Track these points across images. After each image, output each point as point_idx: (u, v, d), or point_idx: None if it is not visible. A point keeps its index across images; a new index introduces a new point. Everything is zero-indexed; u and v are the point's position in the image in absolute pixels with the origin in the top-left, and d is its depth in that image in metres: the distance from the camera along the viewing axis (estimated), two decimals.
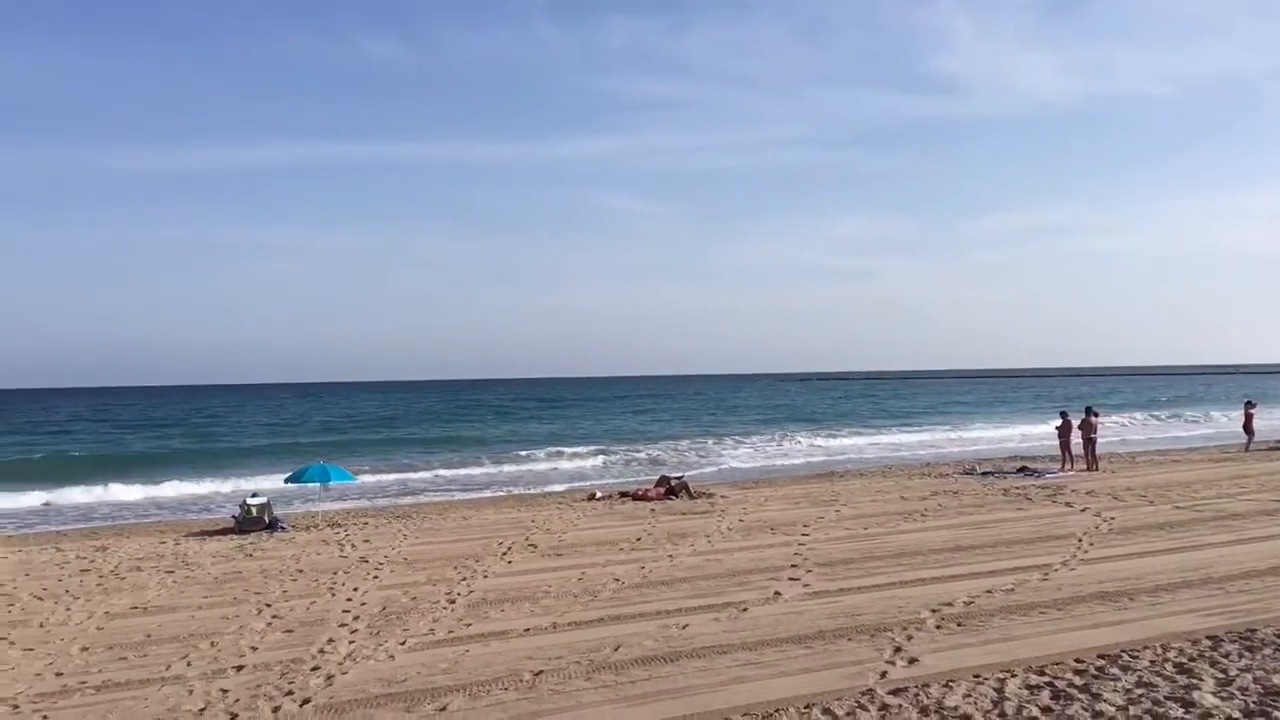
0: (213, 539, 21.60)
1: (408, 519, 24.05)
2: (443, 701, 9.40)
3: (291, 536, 21.53)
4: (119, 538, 22.39)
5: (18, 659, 11.54)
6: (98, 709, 9.50)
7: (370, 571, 16.74)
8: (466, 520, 23.36)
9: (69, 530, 25.10)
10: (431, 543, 19.84)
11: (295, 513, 24.88)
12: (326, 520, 23.82)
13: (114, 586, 16.06)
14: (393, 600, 14.29)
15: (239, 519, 22.76)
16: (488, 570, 16.46)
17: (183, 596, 15.15)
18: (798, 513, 22.42)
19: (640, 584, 14.91)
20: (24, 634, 12.84)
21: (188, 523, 25.65)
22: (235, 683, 10.27)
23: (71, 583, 16.47)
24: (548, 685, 9.82)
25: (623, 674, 10.12)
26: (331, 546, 19.76)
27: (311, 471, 23.64)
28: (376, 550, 18.99)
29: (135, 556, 19.14)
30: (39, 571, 17.68)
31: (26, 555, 19.75)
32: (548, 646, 11.32)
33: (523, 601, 13.89)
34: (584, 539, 19.66)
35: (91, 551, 19.97)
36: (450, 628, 12.48)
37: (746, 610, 12.86)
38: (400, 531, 21.62)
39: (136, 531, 23.86)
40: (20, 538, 23.72)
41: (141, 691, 10.06)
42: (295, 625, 12.91)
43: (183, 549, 20.11)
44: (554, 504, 26.65)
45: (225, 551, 19.64)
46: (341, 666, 10.78)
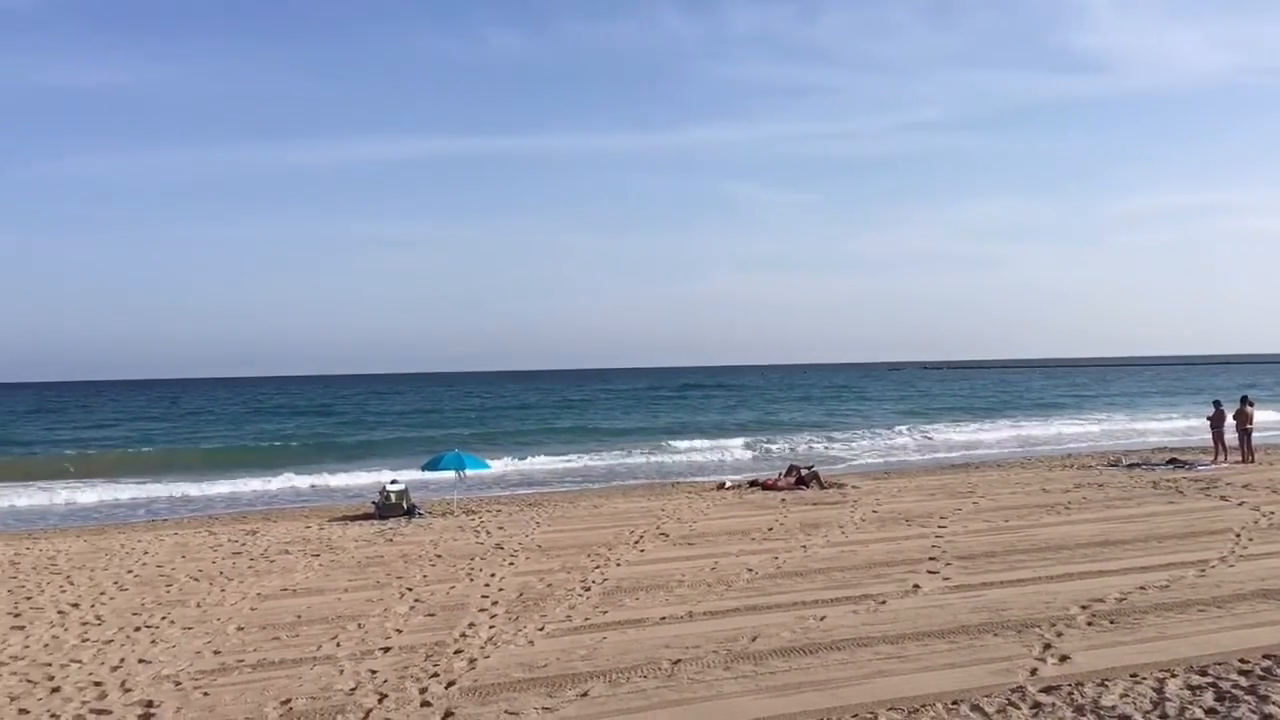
0: (354, 524, 22.27)
1: (540, 507, 24.38)
2: (583, 687, 9.46)
3: (429, 522, 22.05)
4: (267, 522, 23.28)
5: (178, 637, 12.08)
6: (255, 687, 9.87)
7: (506, 558, 17.01)
8: (597, 508, 23.55)
9: (220, 514, 26.23)
10: (564, 530, 20.06)
11: (432, 499, 25.46)
12: (462, 507, 24.33)
13: (264, 569, 16.68)
14: (529, 586, 14.48)
15: (379, 505, 23.41)
16: (620, 558, 16.54)
17: (329, 579, 15.64)
18: (933, 504, 21.91)
19: (774, 574, 14.77)
20: (183, 613, 13.44)
21: (330, 508, 26.51)
22: (383, 664, 10.55)
23: (225, 565, 17.18)
24: (687, 674, 9.79)
25: (762, 665, 10.03)
26: (467, 533, 20.16)
27: (447, 459, 24.16)
28: (511, 537, 19.29)
29: (283, 540, 19.85)
30: (194, 554, 18.49)
31: (182, 538, 20.69)
32: (684, 635, 11.30)
33: (657, 590, 13.91)
34: (715, 528, 19.61)
35: (242, 535, 20.80)
36: (587, 615, 12.58)
37: (885, 603, 12.61)
38: (533, 519, 21.92)
39: (283, 516, 24.77)
40: (175, 521, 24.90)
41: (295, 670, 10.41)
42: (437, 609, 13.20)
43: (327, 534, 20.78)
44: (683, 493, 26.67)
45: (367, 536, 20.23)
46: (483, 650, 10.97)
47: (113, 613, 13.55)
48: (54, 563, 17.84)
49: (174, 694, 9.70)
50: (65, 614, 13.56)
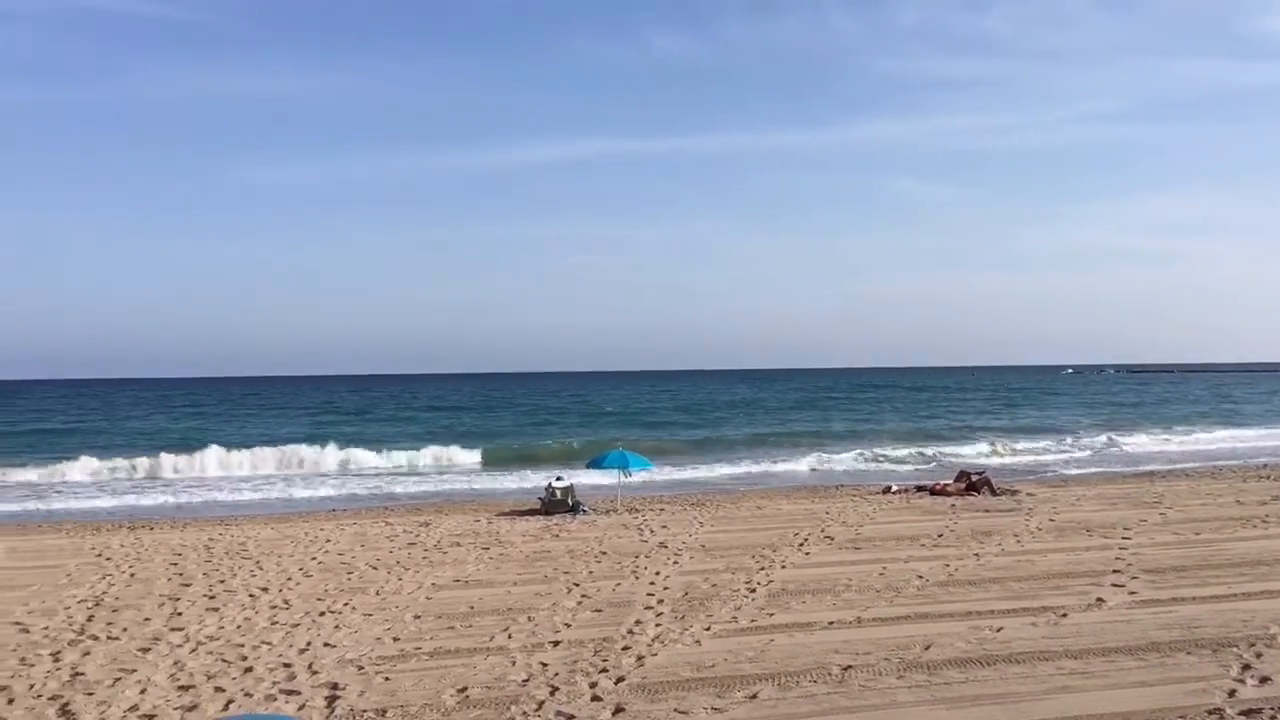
0: (521, 519, 22.75)
1: (702, 507, 24.39)
2: (752, 690, 9.39)
3: (593, 520, 22.34)
4: (439, 515, 24.03)
5: (360, 623, 12.56)
6: (432, 674, 10.18)
7: (670, 557, 17.07)
8: (760, 510, 23.40)
9: (395, 506, 27.22)
10: (728, 531, 20.00)
11: (595, 496, 25.78)
12: (625, 505, 24.55)
13: (437, 560, 17.21)
14: (694, 586, 14.48)
15: (545, 501, 23.86)
16: (785, 560, 16.37)
17: (499, 572, 16.01)
18: (1116, 514, 20.89)
19: (946, 582, 14.35)
20: (363, 600, 13.98)
21: (498, 503, 27.17)
22: (553, 657, 10.72)
23: (401, 555, 17.80)
24: (858, 681, 9.60)
25: (936, 675, 9.75)
26: (631, 531, 20.32)
27: (611, 458, 24.42)
28: (674, 536, 19.35)
29: (454, 533, 20.44)
30: (372, 544, 19.22)
31: (360, 528, 21.55)
32: (854, 641, 11.09)
33: (823, 594, 13.70)
34: (882, 533, 19.20)
35: (416, 527, 21.52)
36: (753, 616, 12.49)
37: (1066, 616, 12.08)
38: (696, 519, 21.94)
39: (453, 509, 25.51)
40: (354, 511, 25.97)
41: (470, 660, 10.69)
42: (603, 605, 13.34)
43: (495, 528, 21.30)
44: (847, 496, 26.23)
45: (533, 531, 20.63)
46: (650, 648, 11.01)
47: (299, 597, 14.21)
48: (244, 548, 18.84)
49: (357, 678, 10.09)
50: (255, 597, 14.29)
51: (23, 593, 14.84)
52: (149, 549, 18.96)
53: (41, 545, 19.94)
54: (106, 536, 20.92)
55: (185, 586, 15.20)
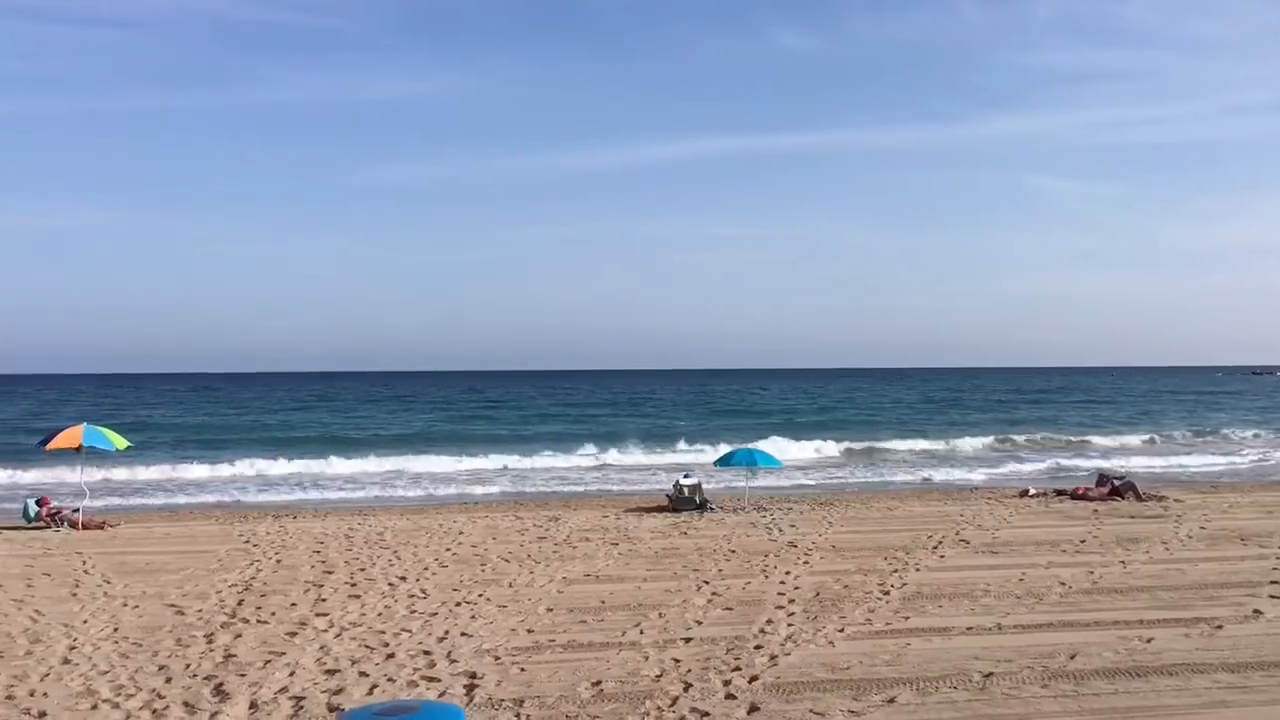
0: (649, 515, 22.83)
1: (831, 506, 24.08)
2: (889, 693, 9.21)
3: (721, 518, 22.28)
4: (567, 509, 24.31)
5: (494, 614, 12.79)
6: (567, 666, 10.29)
7: (800, 556, 16.90)
8: (891, 511, 22.99)
9: (525, 500, 27.66)
10: (858, 531, 19.70)
11: (722, 494, 25.72)
12: (752, 503, 24.42)
13: (567, 554, 17.40)
14: (825, 587, 14.30)
15: (672, 498, 23.90)
16: (919, 563, 16.04)
17: (628, 568, 16.10)
18: (1274, 523, 19.84)
19: (1090, 590, 13.84)
20: (497, 592, 14.22)
21: (625, 498, 27.35)
22: (685, 653, 10.72)
23: (532, 548, 18.06)
24: (1000, 688, 9.32)
25: (1083, 684, 9.40)
26: (759, 529, 20.20)
27: (739, 456, 24.33)
28: (804, 536, 19.15)
29: (583, 528, 20.65)
30: (503, 537, 19.56)
31: (492, 521, 21.95)
32: (994, 648, 10.78)
33: (960, 598, 13.37)
34: (1020, 537, 18.64)
35: (545, 521, 21.81)
36: (887, 619, 12.26)
37: (1221, 628, 11.52)
38: (825, 518, 21.68)
39: (581, 504, 25.78)
40: (485, 505, 26.48)
41: (602, 654, 10.77)
42: (734, 603, 13.28)
43: (623, 523, 21.43)
44: (982, 499, 25.56)
45: (661, 528, 20.68)
46: (783, 648, 10.92)
47: (435, 587, 14.55)
48: (382, 538, 19.39)
49: (494, 668, 10.27)
50: (394, 586, 14.69)
51: (177, 576, 15.57)
52: (293, 537, 19.68)
53: (193, 531, 20.90)
54: (253, 524, 21.80)
55: (328, 574, 15.72)
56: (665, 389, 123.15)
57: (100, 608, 13.37)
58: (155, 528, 21.55)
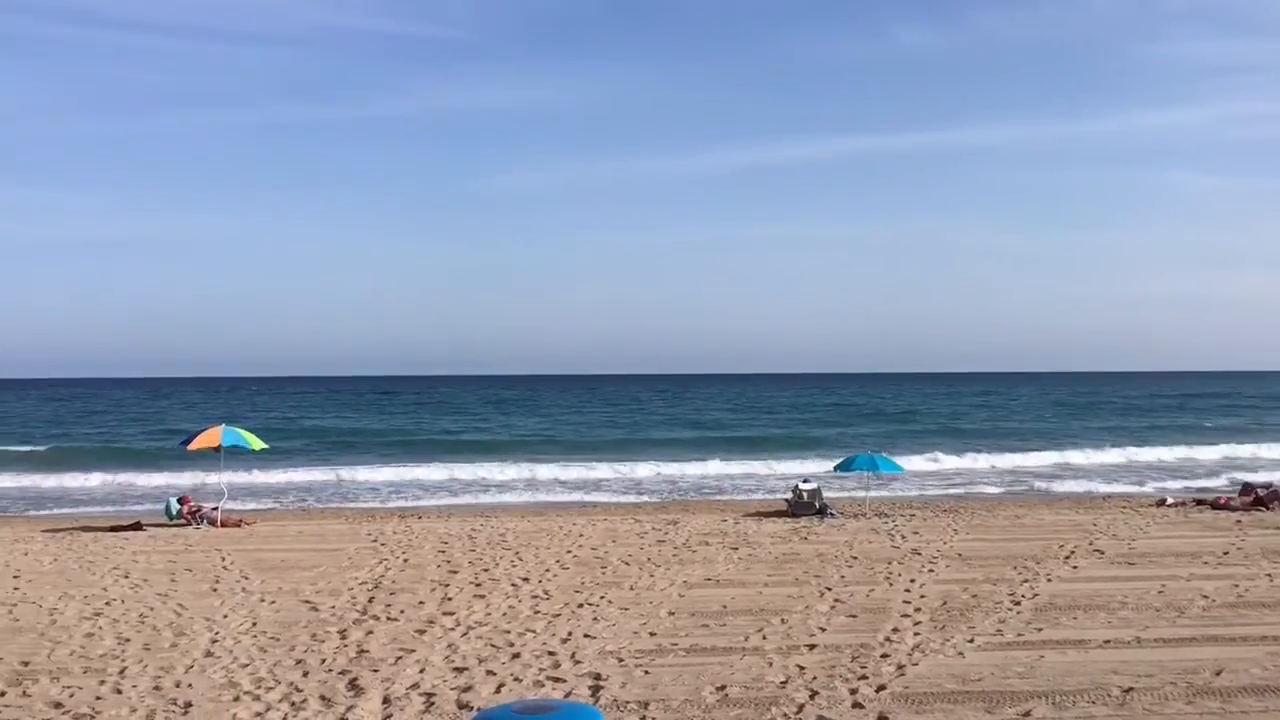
0: (768, 520, 22.67)
1: (956, 513, 23.54)
2: (1024, 707, 8.94)
3: (842, 523, 21.98)
4: (685, 513, 24.30)
5: (617, 617, 12.85)
6: (690, 670, 10.27)
7: (924, 564, 16.55)
8: (1019, 519, 22.35)
9: (643, 504, 27.76)
10: (984, 539, 19.21)
11: (842, 499, 25.38)
12: (873, 509, 24.04)
13: (687, 558, 17.39)
14: (952, 595, 13.97)
15: (791, 503, 23.68)
16: (1050, 573, 15.55)
17: (749, 573, 16.00)
18: None
19: (1235, 604, 13.21)
20: (618, 595, 14.29)
21: (743, 503, 27.23)
22: (810, 660, 10.60)
23: (651, 551, 18.10)
24: (1141, 704, 8.97)
25: (1231, 702, 8.98)
26: (882, 536, 19.86)
27: (860, 460, 23.97)
28: (928, 543, 18.76)
29: (701, 532, 20.61)
30: (623, 539, 19.66)
31: (611, 524, 22.08)
32: (1134, 662, 10.37)
33: (1096, 610, 12.91)
34: (1158, 548, 17.92)
35: (664, 524, 21.85)
36: (1019, 630, 11.92)
37: None
38: (949, 526, 21.20)
39: (699, 508, 25.75)
40: (604, 508, 26.67)
41: (725, 659, 10.72)
42: (858, 611, 13.08)
43: (742, 528, 21.32)
44: (1116, 507, 24.66)
45: (781, 533, 20.51)
46: (911, 657, 10.70)
47: (558, 589, 14.70)
48: (504, 539, 19.68)
49: (618, 670, 10.31)
50: (518, 587, 14.89)
51: (310, 573, 16.07)
52: (418, 537, 20.14)
53: (324, 530, 21.57)
54: (380, 524, 22.38)
55: (453, 574, 16.03)
56: (783, 393, 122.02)
57: (239, 603, 13.89)
58: (289, 526, 22.31)
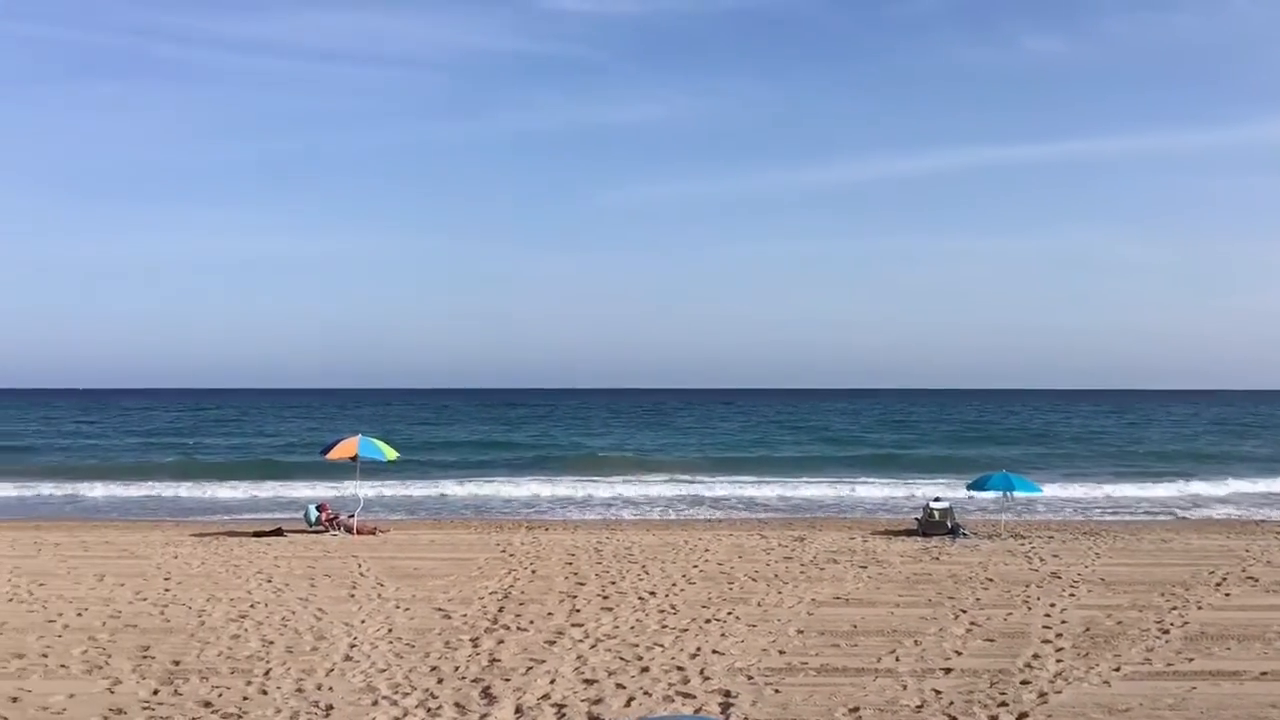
0: (897, 539, 22.20)
1: (1097, 536, 22.66)
2: None
3: (975, 544, 21.38)
4: (812, 530, 23.99)
5: (744, 633, 12.74)
6: (822, 690, 10.11)
7: (1065, 588, 15.97)
8: (1166, 543, 21.38)
9: (770, 519, 27.53)
10: (1129, 564, 18.43)
11: (974, 519, 24.71)
12: (1009, 530, 23.31)
13: (815, 575, 17.15)
14: (1095, 622, 13.43)
15: (922, 521, 23.15)
16: (1201, 600, 14.82)
17: (879, 592, 15.69)
18: None
19: None
20: (745, 611, 14.18)
21: (871, 521, 26.74)
22: (946, 685, 10.31)
23: (778, 568, 17.91)
24: None
25: None
26: (1018, 558, 19.24)
27: (995, 480, 23.30)
28: (1068, 567, 18.09)
29: (829, 549, 20.30)
30: (749, 555, 19.50)
31: (737, 539, 21.94)
32: None
33: (1251, 640, 12.25)
34: None
35: (790, 541, 21.60)
36: (1168, 660, 11.38)
37: None
38: (1091, 549, 20.41)
39: (826, 525, 25.39)
40: (729, 522, 26.54)
41: (858, 679, 10.52)
42: (995, 635, 12.68)
43: (871, 546, 20.93)
44: (1271, 533, 23.39)
45: (911, 552, 20.06)
46: (1053, 685, 10.32)
47: (684, 603, 14.66)
48: (630, 553, 19.74)
49: (748, 687, 10.21)
50: (645, 600, 14.91)
51: (442, 582, 16.40)
52: (546, 548, 20.36)
53: (454, 539, 22.00)
54: (509, 534, 22.72)
55: (580, 585, 16.15)
56: (921, 409, 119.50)
57: (375, 609, 14.25)
58: (420, 534, 22.84)
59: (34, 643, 12.12)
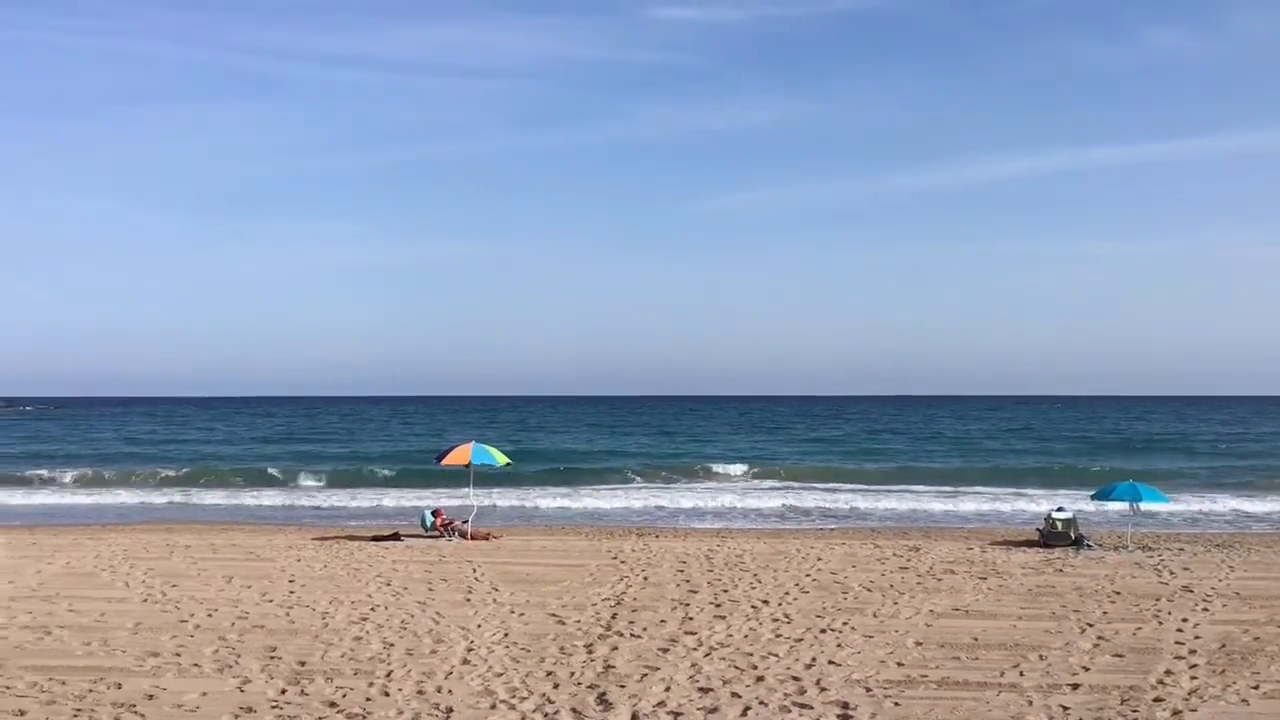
0: (1017, 550, 21.60)
1: (1231, 548, 21.70)
2: None
3: (1100, 556, 20.67)
4: (927, 539, 23.51)
5: (861, 644, 12.54)
6: (943, 704, 9.88)
7: (1197, 602, 15.32)
8: None
9: (883, 528, 27.08)
10: (1266, 578, 17.61)
11: (1098, 530, 23.90)
12: (1136, 541, 22.47)
13: (932, 586, 16.79)
14: (1231, 638, 12.86)
15: (1044, 532, 22.49)
16: None
17: (1000, 604, 15.28)
18: None
19: None
20: (861, 621, 13.95)
21: (989, 531, 26.09)
22: (1074, 701, 9.98)
23: (894, 578, 17.59)
24: None
25: None
26: (1147, 571, 18.54)
27: (1121, 490, 22.51)
28: (1200, 580, 17.35)
29: (946, 560, 19.86)
30: (863, 565, 19.20)
31: (850, 549, 21.63)
32: None
33: None
34: None
35: (905, 551, 21.20)
36: None
37: None
38: (1224, 562, 19.55)
39: (942, 535, 24.87)
40: (841, 531, 26.18)
41: (980, 694, 10.25)
42: (1124, 650, 12.23)
43: (990, 557, 20.41)
44: None
45: (1033, 564, 19.50)
46: (1188, 702, 9.91)
47: (798, 613, 14.50)
48: (741, 560, 19.62)
49: (866, 699, 10.04)
50: (757, 609, 14.79)
51: (555, 588, 16.54)
52: (656, 555, 20.37)
53: (566, 545, 22.18)
54: (620, 541, 22.81)
55: (692, 593, 16.11)
56: (1039, 417, 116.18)
57: (491, 613, 14.45)
58: (533, 540, 23.09)
59: (168, 642, 12.61)
